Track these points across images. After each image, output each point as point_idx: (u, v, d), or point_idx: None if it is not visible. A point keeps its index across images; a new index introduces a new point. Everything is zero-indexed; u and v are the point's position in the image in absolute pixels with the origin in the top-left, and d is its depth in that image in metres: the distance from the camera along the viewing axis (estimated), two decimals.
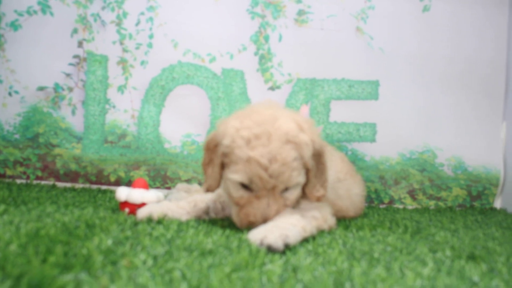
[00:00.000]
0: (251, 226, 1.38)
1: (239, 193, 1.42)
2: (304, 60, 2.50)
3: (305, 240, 1.33)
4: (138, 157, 2.44)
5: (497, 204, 2.56)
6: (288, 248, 1.20)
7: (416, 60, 2.54)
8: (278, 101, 2.40)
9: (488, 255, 1.29)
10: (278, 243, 1.16)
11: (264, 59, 2.48)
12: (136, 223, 1.38)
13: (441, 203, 2.53)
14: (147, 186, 1.66)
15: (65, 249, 0.98)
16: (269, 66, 2.47)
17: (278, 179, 1.37)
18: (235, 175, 1.39)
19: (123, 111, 2.44)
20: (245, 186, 1.41)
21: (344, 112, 2.50)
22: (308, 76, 2.49)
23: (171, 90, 2.45)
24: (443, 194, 2.53)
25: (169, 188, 2.42)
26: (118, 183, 2.42)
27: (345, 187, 1.84)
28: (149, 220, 1.43)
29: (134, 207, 1.58)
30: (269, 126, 1.39)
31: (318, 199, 1.51)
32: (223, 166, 1.47)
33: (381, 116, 2.52)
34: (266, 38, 2.48)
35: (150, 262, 0.96)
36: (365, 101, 2.51)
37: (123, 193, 1.61)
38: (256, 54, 2.48)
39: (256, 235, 1.20)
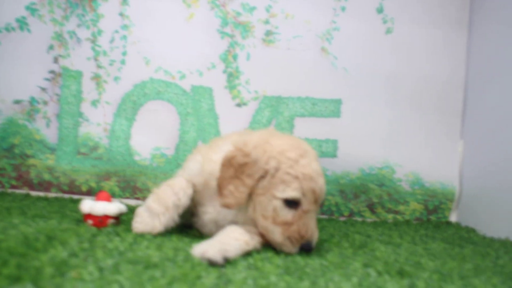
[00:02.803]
0: (303, 242, 1.51)
1: (286, 211, 1.51)
2: (270, 79, 2.62)
3: (249, 254, 1.45)
4: (109, 169, 2.54)
5: (453, 218, 2.69)
6: (228, 261, 1.31)
7: (378, 79, 2.67)
8: (244, 117, 2.55)
9: (416, 270, 1.40)
10: (217, 257, 1.27)
11: (232, 77, 2.60)
12: (95, 235, 1.49)
13: (399, 217, 2.66)
14: (109, 199, 1.77)
15: (20, 261, 1.09)
16: (236, 83, 2.59)
17: (323, 191, 1.55)
18: (288, 192, 1.49)
19: (96, 124, 2.54)
20: (290, 204, 1.51)
21: (307, 129, 2.62)
22: (274, 93, 2.61)
23: (142, 105, 2.56)
24: (401, 208, 2.66)
25: (138, 198, 2.53)
26: (89, 193, 2.52)
27: None
28: (109, 232, 1.55)
29: (97, 219, 1.69)
30: (304, 147, 1.59)
31: None
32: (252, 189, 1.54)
33: (343, 133, 2.64)
34: (235, 57, 2.60)
35: (96, 274, 1.06)
36: (327, 118, 2.63)
37: (86, 205, 1.71)
38: (224, 72, 2.60)
39: (198, 250, 1.31)
